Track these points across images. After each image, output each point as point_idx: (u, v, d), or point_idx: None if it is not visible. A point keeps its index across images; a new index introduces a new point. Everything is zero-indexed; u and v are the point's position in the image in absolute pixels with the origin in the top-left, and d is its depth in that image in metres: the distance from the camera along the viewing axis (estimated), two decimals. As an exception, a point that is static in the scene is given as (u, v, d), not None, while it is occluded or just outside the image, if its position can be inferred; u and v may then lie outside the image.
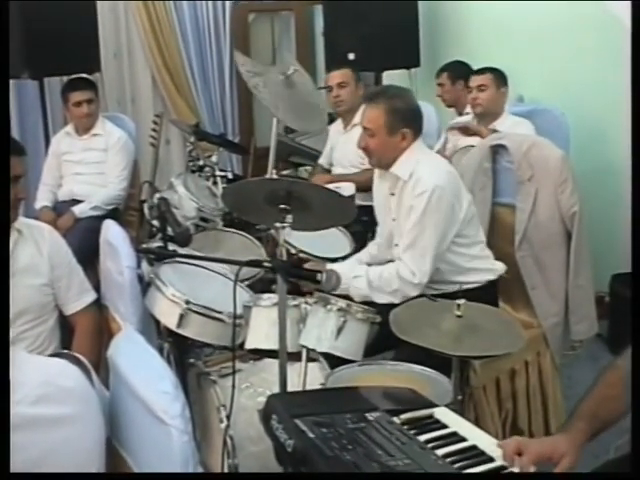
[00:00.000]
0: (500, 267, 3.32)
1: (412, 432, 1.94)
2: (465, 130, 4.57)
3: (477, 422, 3.16)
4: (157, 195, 3.47)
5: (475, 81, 4.68)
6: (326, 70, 5.82)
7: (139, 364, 2.07)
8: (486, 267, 3.27)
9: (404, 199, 3.18)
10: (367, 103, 3.23)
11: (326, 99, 5.01)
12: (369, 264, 3.38)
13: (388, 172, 3.23)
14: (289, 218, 2.62)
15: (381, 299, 3.10)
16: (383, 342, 2.83)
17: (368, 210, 4.30)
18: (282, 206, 2.62)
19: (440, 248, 3.13)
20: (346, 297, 2.95)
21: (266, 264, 2.64)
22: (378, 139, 3.16)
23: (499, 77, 4.66)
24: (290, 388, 2.58)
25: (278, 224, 2.63)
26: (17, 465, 1.64)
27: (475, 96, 4.65)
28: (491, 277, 3.27)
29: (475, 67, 4.99)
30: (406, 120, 3.15)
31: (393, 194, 3.25)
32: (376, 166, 3.32)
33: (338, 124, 5.11)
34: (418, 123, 3.20)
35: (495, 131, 4.37)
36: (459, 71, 5.30)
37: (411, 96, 3.28)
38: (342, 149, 4.98)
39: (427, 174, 3.10)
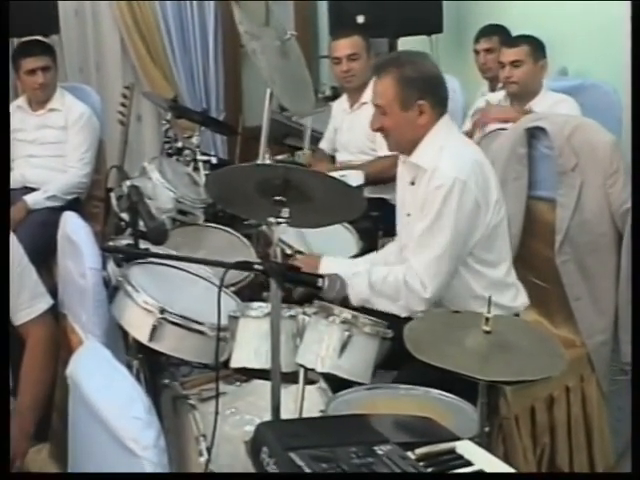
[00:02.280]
0: (523, 302, 3.27)
1: (429, 469, 1.95)
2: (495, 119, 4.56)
3: (506, 459, 3.18)
4: (127, 182, 3.48)
5: (508, 55, 4.65)
6: (330, 36, 5.84)
7: (105, 384, 2.07)
8: (501, 302, 3.11)
9: (420, 191, 3.16)
10: (375, 75, 3.21)
11: (334, 72, 5.02)
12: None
13: (408, 160, 3.22)
14: (285, 212, 2.63)
15: (383, 306, 3.08)
16: (396, 361, 2.84)
17: (378, 203, 4.34)
18: (277, 198, 2.63)
19: (460, 257, 3.10)
20: (353, 307, 2.96)
21: (257, 267, 2.64)
22: (392, 117, 3.14)
23: (536, 48, 4.65)
24: (284, 415, 2.59)
25: (272, 219, 2.64)
26: None
27: (509, 74, 4.63)
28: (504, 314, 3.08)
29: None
30: (422, 90, 3.10)
31: (413, 184, 3.23)
32: (397, 151, 3.30)
33: (343, 102, 5.13)
34: (439, 93, 3.16)
35: (531, 112, 4.37)
36: (509, 35, 5.19)
37: (427, 62, 3.22)
38: (348, 131, 4.99)
39: (447, 163, 3.06)
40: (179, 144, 4.99)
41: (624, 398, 3.81)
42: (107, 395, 2.01)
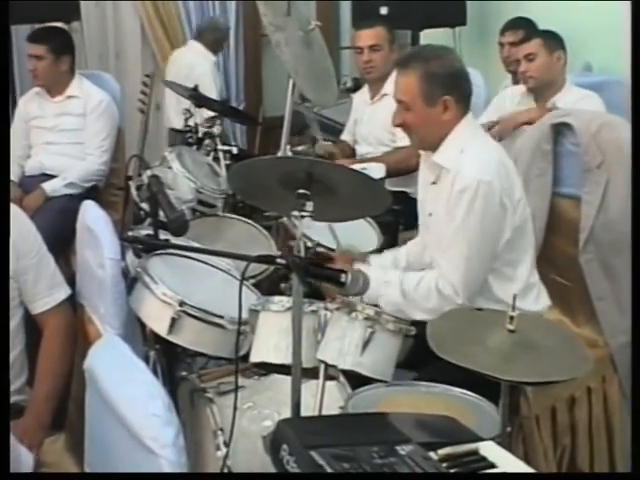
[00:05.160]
0: (544, 305, 3.23)
1: (453, 471, 1.92)
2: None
3: (526, 459, 3.15)
4: (147, 172, 3.46)
5: (522, 50, 4.62)
6: (353, 26, 5.81)
7: (123, 380, 2.05)
8: (523, 306, 2.92)
9: (442, 192, 3.12)
10: (399, 70, 3.16)
11: (355, 62, 4.99)
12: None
13: (430, 159, 3.18)
14: (309, 206, 2.58)
15: (415, 315, 3.02)
16: (419, 359, 2.80)
17: (399, 197, 4.30)
18: (301, 191, 2.59)
19: (490, 259, 3.07)
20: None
21: (279, 260, 2.61)
22: (415, 112, 3.09)
23: (550, 39, 4.59)
24: (303, 411, 2.55)
25: (296, 212, 2.60)
26: None
27: (524, 68, 4.58)
28: None
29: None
30: (447, 85, 3.06)
31: (434, 183, 3.19)
32: (419, 147, 3.26)
33: (364, 93, 5.11)
34: (463, 89, 3.12)
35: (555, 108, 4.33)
36: (536, 29, 5.16)
37: (452, 57, 3.18)
38: (368, 123, 4.97)
39: (471, 165, 3.01)
40: (199, 134, 4.96)
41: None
42: (125, 391, 1.99)
